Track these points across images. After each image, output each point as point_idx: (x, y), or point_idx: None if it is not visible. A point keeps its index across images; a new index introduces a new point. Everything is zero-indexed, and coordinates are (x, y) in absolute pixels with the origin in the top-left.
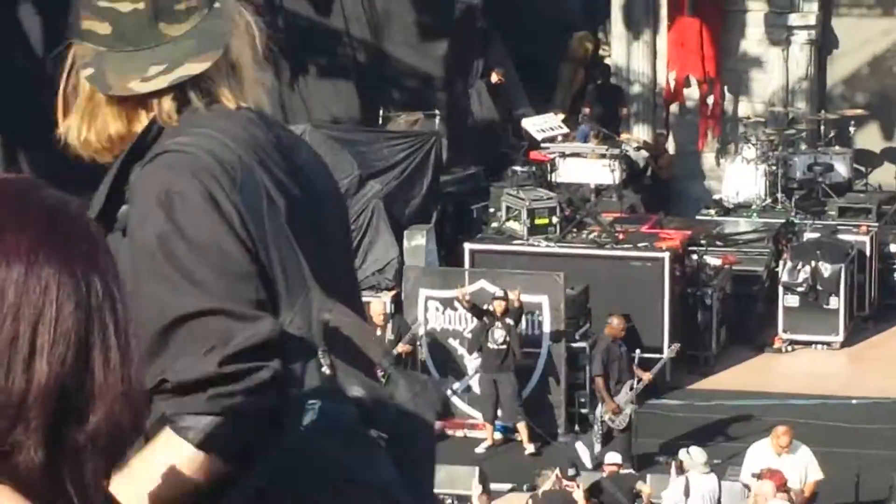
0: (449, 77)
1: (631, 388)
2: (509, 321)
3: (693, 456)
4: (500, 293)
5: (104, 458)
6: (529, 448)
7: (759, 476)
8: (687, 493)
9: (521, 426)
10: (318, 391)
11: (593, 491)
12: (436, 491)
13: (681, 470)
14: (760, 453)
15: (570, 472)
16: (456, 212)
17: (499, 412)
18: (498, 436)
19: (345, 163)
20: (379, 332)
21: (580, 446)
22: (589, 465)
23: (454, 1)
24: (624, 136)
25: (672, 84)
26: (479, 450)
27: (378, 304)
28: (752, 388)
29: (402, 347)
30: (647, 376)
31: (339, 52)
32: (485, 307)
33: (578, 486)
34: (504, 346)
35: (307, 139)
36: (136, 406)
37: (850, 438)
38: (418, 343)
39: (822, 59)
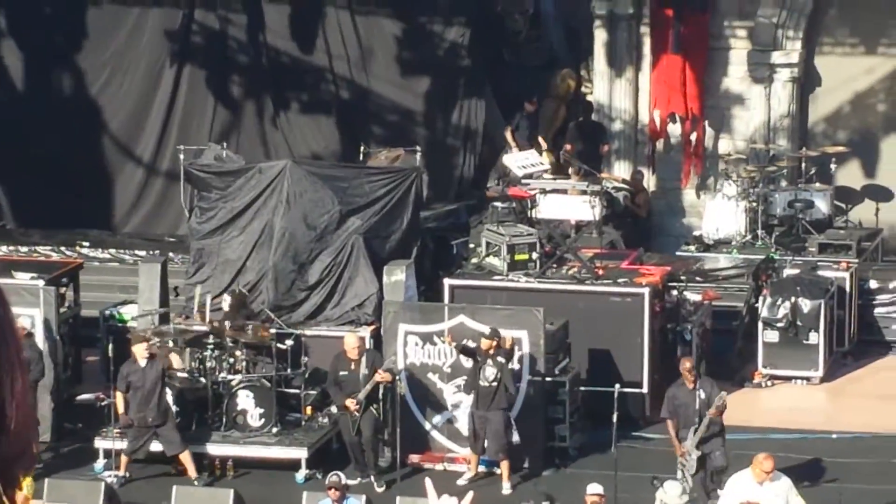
0: (431, 113)
1: (695, 432)
2: (500, 359)
3: (667, 490)
4: (488, 331)
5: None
6: (506, 487)
7: None
8: None
9: (504, 464)
10: None
11: None
12: None
13: None
14: (741, 483)
15: None
16: (436, 247)
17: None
18: (482, 468)
19: (325, 199)
20: (353, 367)
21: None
22: None
23: (438, 38)
24: (604, 176)
25: (657, 121)
26: (461, 481)
27: (352, 338)
28: (732, 422)
29: (380, 376)
30: (714, 412)
31: (321, 89)
32: (470, 343)
33: None
34: (495, 384)
35: (287, 174)
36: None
37: (830, 473)
38: (397, 378)
39: (805, 97)
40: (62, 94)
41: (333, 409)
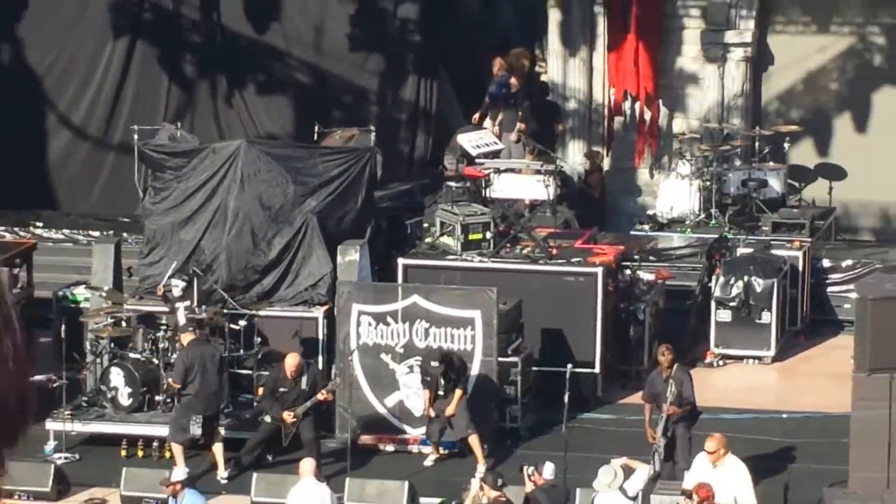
0: (384, 92)
1: (661, 421)
2: (452, 375)
3: (599, 476)
4: (436, 363)
5: None
6: (481, 468)
7: (689, 494)
8: None
9: (473, 440)
10: None
11: (526, 501)
12: None
13: None
14: (697, 465)
15: (499, 482)
16: (390, 227)
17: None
18: (443, 450)
19: (280, 179)
20: (294, 384)
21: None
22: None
23: (390, 15)
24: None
25: (613, 100)
26: (427, 462)
27: (293, 359)
28: None
29: (322, 395)
30: (672, 409)
31: (276, 69)
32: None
33: (506, 498)
34: (447, 388)
35: (241, 154)
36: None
37: (781, 453)
38: (349, 358)
39: (758, 76)
40: (2, 66)
41: (267, 419)
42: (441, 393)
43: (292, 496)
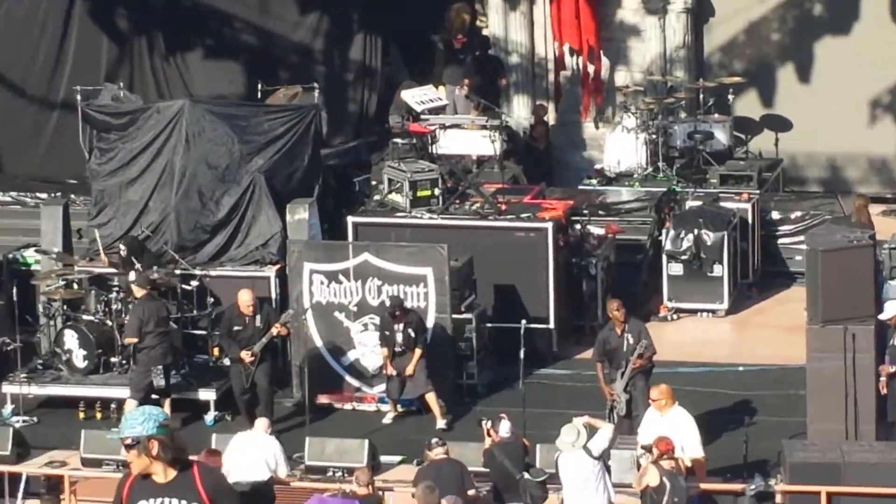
0: (329, 50)
1: (622, 375)
2: (410, 332)
3: (561, 434)
4: (388, 304)
5: None
6: (441, 423)
7: (648, 449)
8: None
9: (431, 398)
10: None
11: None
12: (326, 464)
13: None
14: (647, 417)
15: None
16: (338, 185)
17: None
18: (401, 408)
19: (225, 138)
20: (248, 321)
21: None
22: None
23: None
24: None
25: (556, 54)
26: (386, 420)
27: (246, 294)
28: None
29: (276, 329)
30: (637, 362)
31: (221, 28)
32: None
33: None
34: (405, 345)
35: (185, 114)
36: None
37: (739, 406)
38: (303, 317)
39: (699, 27)
40: None
41: (226, 361)
42: (398, 350)
43: (235, 441)
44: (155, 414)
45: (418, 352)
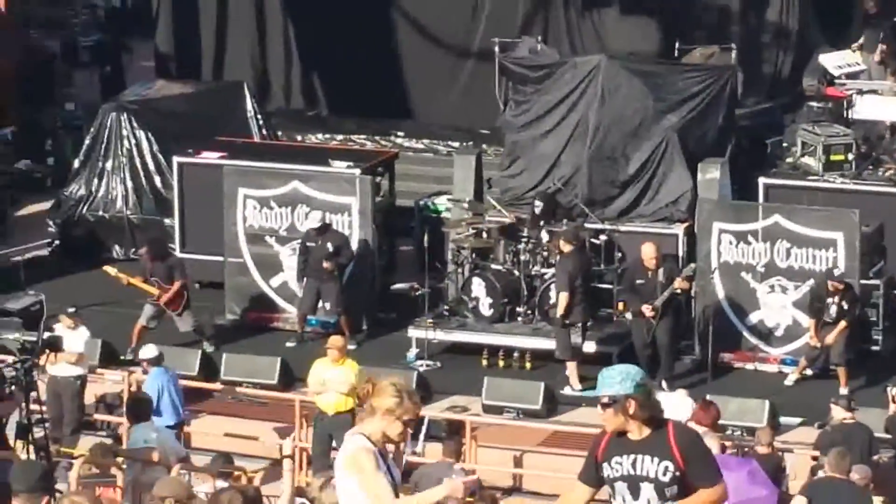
0: (746, 10)
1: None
2: (844, 304)
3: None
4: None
5: None
6: (843, 390)
7: None
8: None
9: (842, 371)
10: None
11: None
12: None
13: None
14: None
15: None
16: (750, 146)
17: None
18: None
19: (639, 93)
20: (650, 275)
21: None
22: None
23: None
24: None
25: None
26: (788, 382)
27: (650, 247)
28: None
29: (679, 283)
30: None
31: None
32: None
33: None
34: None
35: (602, 69)
36: None
37: None
38: (710, 276)
39: None
40: None
41: (628, 315)
42: (828, 321)
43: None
44: (632, 373)
45: (843, 324)
